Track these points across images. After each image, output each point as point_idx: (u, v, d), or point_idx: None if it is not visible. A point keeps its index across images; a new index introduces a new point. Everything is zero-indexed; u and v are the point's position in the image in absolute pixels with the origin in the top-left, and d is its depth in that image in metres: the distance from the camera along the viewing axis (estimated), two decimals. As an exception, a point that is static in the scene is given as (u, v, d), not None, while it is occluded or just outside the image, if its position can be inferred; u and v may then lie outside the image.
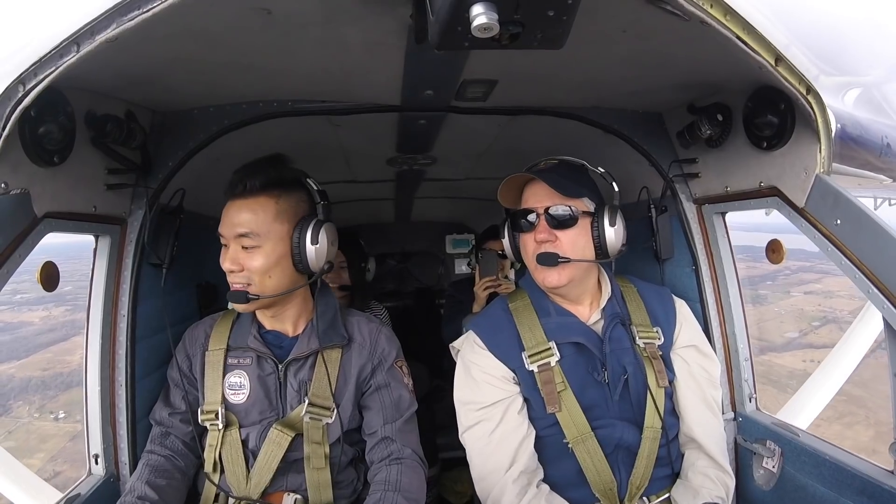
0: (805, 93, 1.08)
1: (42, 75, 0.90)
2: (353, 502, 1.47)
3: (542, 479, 1.30)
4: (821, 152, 1.16)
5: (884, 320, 1.10)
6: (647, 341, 1.37)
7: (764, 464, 1.48)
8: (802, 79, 1.06)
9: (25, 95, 0.91)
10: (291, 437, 1.35)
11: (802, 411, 2.42)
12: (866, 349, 2.65)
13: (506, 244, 1.52)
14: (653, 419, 1.31)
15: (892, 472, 1.16)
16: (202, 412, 1.42)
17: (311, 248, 1.32)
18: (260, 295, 1.31)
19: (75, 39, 0.87)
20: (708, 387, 1.40)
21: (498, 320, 1.42)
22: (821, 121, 1.12)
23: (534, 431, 1.32)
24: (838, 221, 1.14)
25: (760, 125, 1.30)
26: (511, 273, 2.55)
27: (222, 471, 1.39)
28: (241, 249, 1.30)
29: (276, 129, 1.57)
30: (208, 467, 1.39)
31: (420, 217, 4.02)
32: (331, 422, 1.39)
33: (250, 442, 1.38)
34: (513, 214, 1.43)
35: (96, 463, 1.39)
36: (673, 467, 1.36)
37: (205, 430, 1.44)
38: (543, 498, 1.25)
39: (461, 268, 3.84)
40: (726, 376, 1.59)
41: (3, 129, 0.93)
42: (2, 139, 0.94)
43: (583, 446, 1.29)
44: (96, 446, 1.39)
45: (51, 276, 1.22)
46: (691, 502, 1.29)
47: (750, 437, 1.54)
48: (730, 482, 1.34)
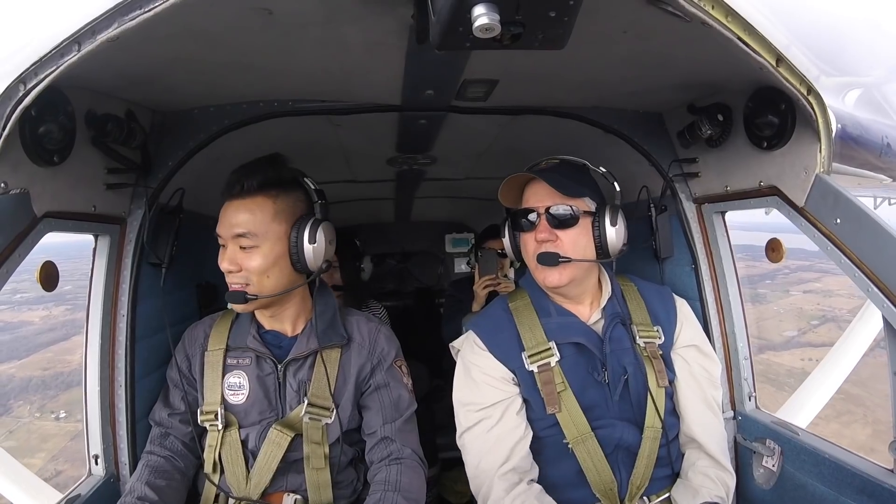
0: (806, 93, 1.08)
1: (43, 75, 0.90)
2: (353, 502, 1.47)
3: (534, 480, 1.30)
4: (821, 152, 1.17)
5: (883, 319, 1.11)
6: (647, 340, 1.37)
7: (764, 463, 1.49)
8: (803, 79, 1.06)
9: (26, 95, 0.91)
10: (291, 438, 1.35)
11: (802, 410, 2.43)
12: (865, 348, 2.65)
13: (506, 243, 1.52)
14: (653, 419, 1.31)
15: (892, 471, 1.16)
16: (201, 413, 1.41)
17: (308, 247, 1.32)
18: (258, 295, 1.31)
19: (76, 39, 0.87)
20: (708, 387, 1.40)
21: (498, 320, 1.42)
22: (821, 121, 1.13)
23: (531, 433, 1.32)
24: (838, 221, 1.14)
25: (761, 125, 1.30)
26: (511, 272, 2.55)
27: (222, 471, 1.39)
28: (238, 250, 1.30)
29: (276, 129, 1.57)
30: (208, 468, 1.39)
31: (420, 217, 4.02)
32: (330, 422, 1.39)
33: (250, 442, 1.38)
34: (513, 214, 1.43)
35: (96, 463, 1.39)
36: (673, 467, 1.37)
37: (204, 431, 1.44)
38: (533, 496, 1.25)
39: (461, 267, 3.83)
40: (726, 375, 1.59)
41: (4, 128, 0.93)
42: (2, 139, 0.94)
43: (583, 446, 1.29)
44: (96, 446, 1.39)
45: (50, 276, 1.22)
46: (691, 502, 1.29)
47: (750, 436, 1.55)
48: (730, 481, 1.34)
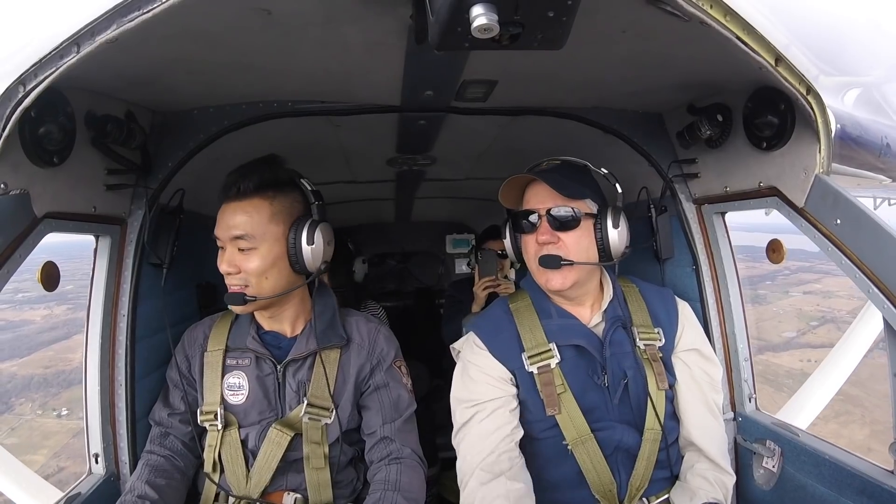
0: (805, 93, 1.08)
1: (42, 76, 0.90)
2: (352, 502, 1.48)
3: (521, 482, 1.25)
4: (820, 152, 1.16)
5: (884, 320, 1.11)
6: (647, 342, 1.36)
7: (764, 463, 1.48)
8: (802, 79, 1.06)
9: (26, 96, 0.91)
10: (290, 437, 1.36)
11: (802, 411, 2.42)
12: (866, 349, 2.65)
13: (507, 245, 1.51)
14: (653, 423, 1.30)
15: (892, 472, 1.16)
16: (201, 413, 1.42)
17: (307, 248, 1.32)
18: (257, 296, 1.31)
19: (75, 40, 0.87)
20: (709, 390, 1.38)
21: (498, 321, 1.42)
22: (821, 121, 1.12)
23: (520, 433, 1.30)
24: (838, 221, 1.14)
25: (760, 125, 1.30)
26: (511, 273, 2.54)
27: (222, 471, 1.40)
28: (237, 251, 1.30)
29: (275, 130, 1.57)
30: (208, 467, 1.40)
31: (420, 217, 4.02)
32: (330, 422, 1.39)
33: (250, 442, 1.38)
34: (514, 215, 1.42)
35: (96, 462, 1.39)
36: (672, 470, 1.36)
37: (204, 431, 1.44)
38: (505, 492, 1.20)
39: (461, 268, 3.83)
40: (726, 376, 1.59)
41: (4, 129, 0.93)
42: (2, 139, 0.94)
43: (582, 448, 1.28)
44: (96, 446, 1.39)
45: (51, 276, 1.22)
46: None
47: (750, 437, 1.54)
48: (729, 484, 1.33)
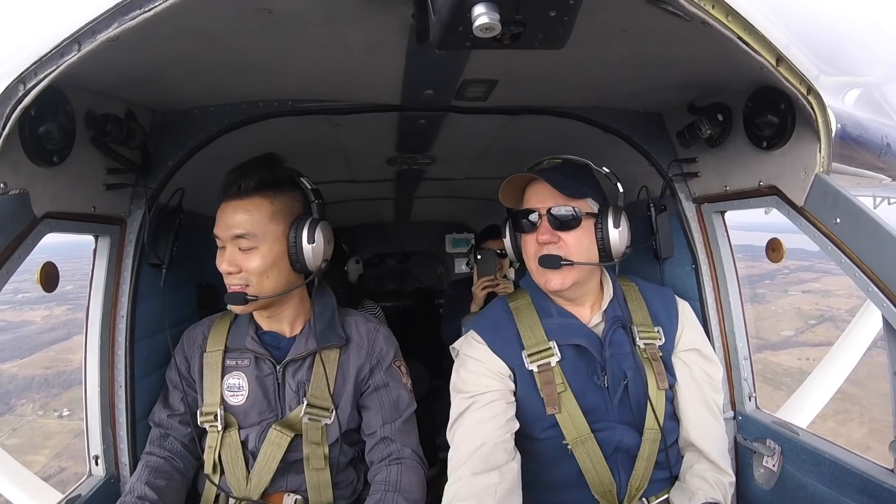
0: (805, 93, 1.08)
1: (42, 74, 0.90)
2: (353, 502, 1.47)
3: (510, 473, 1.19)
4: (820, 152, 1.16)
5: (883, 319, 1.11)
6: (647, 341, 1.36)
7: (764, 462, 1.49)
8: (803, 79, 1.06)
9: (26, 95, 0.91)
10: (290, 438, 1.36)
11: (802, 410, 2.43)
12: (865, 348, 2.66)
13: (507, 244, 1.51)
14: (652, 423, 1.30)
15: (892, 471, 1.16)
16: (201, 414, 1.42)
17: (307, 247, 1.32)
18: (258, 296, 1.31)
19: (76, 39, 0.87)
20: (710, 390, 1.38)
21: (498, 320, 1.41)
22: (821, 121, 1.13)
23: (516, 425, 1.27)
24: (838, 220, 1.14)
25: (761, 125, 1.30)
26: (510, 273, 2.54)
27: (222, 472, 1.39)
28: (237, 251, 1.30)
29: (275, 129, 1.57)
30: (208, 468, 1.40)
31: (420, 217, 4.02)
32: (329, 422, 1.39)
33: (250, 443, 1.38)
34: (514, 214, 1.42)
35: (96, 464, 1.39)
36: (671, 470, 1.36)
37: (204, 432, 1.44)
38: (494, 479, 1.15)
39: (461, 267, 3.83)
40: (725, 375, 1.59)
41: (4, 128, 0.93)
42: (2, 139, 0.94)
43: (582, 447, 1.28)
44: (96, 447, 1.39)
45: (50, 277, 1.22)
46: None
47: (750, 436, 1.54)
48: (729, 484, 1.33)
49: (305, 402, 1.37)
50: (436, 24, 0.76)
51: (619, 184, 1.38)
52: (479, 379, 1.32)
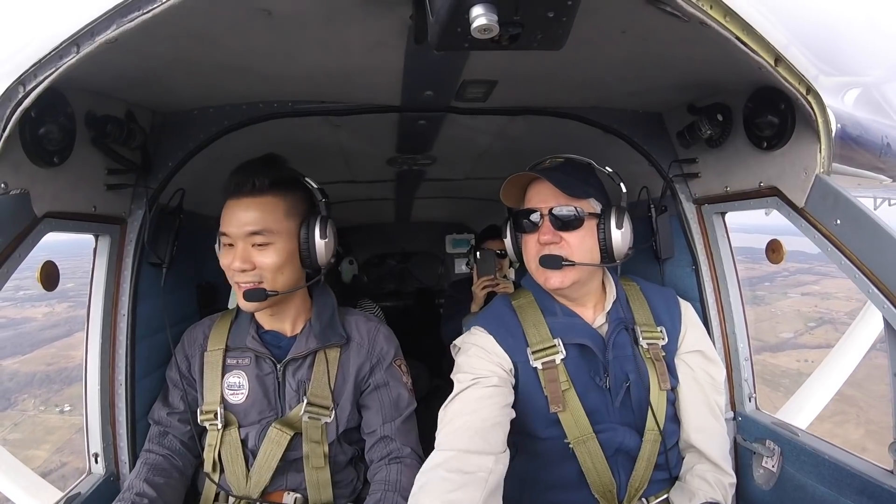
0: (805, 93, 1.08)
1: (42, 76, 0.90)
2: (352, 501, 1.48)
3: (500, 463, 1.10)
4: (821, 152, 1.16)
5: (884, 320, 1.10)
6: (650, 341, 1.35)
7: (763, 463, 1.48)
8: (802, 79, 1.06)
9: (26, 96, 0.91)
10: (290, 436, 1.36)
11: (801, 411, 2.42)
12: (865, 350, 2.65)
13: (507, 244, 1.50)
14: (653, 425, 1.30)
15: (892, 472, 1.16)
16: (201, 412, 1.42)
17: (320, 242, 1.33)
18: (276, 291, 1.31)
19: (75, 40, 0.87)
20: (712, 392, 1.37)
21: (502, 317, 1.39)
22: (821, 121, 1.12)
23: (513, 414, 1.23)
24: (838, 221, 1.14)
25: (760, 125, 1.30)
26: (510, 273, 2.54)
27: (222, 470, 1.40)
28: (251, 247, 1.30)
29: (275, 130, 1.57)
30: (208, 467, 1.40)
31: (420, 217, 4.02)
32: (329, 421, 1.39)
33: (249, 441, 1.38)
34: (515, 214, 1.41)
35: (96, 462, 1.39)
36: (672, 471, 1.36)
37: (204, 430, 1.44)
38: (486, 463, 1.06)
39: (461, 268, 3.84)
40: (726, 376, 1.59)
41: (4, 129, 0.93)
42: (2, 140, 0.94)
43: (584, 447, 1.27)
44: (96, 445, 1.39)
45: (50, 276, 1.22)
46: None
47: (749, 437, 1.54)
48: (729, 485, 1.33)
49: (305, 401, 1.38)
50: (434, 25, 0.76)
51: (622, 184, 1.37)
52: (483, 364, 1.30)
